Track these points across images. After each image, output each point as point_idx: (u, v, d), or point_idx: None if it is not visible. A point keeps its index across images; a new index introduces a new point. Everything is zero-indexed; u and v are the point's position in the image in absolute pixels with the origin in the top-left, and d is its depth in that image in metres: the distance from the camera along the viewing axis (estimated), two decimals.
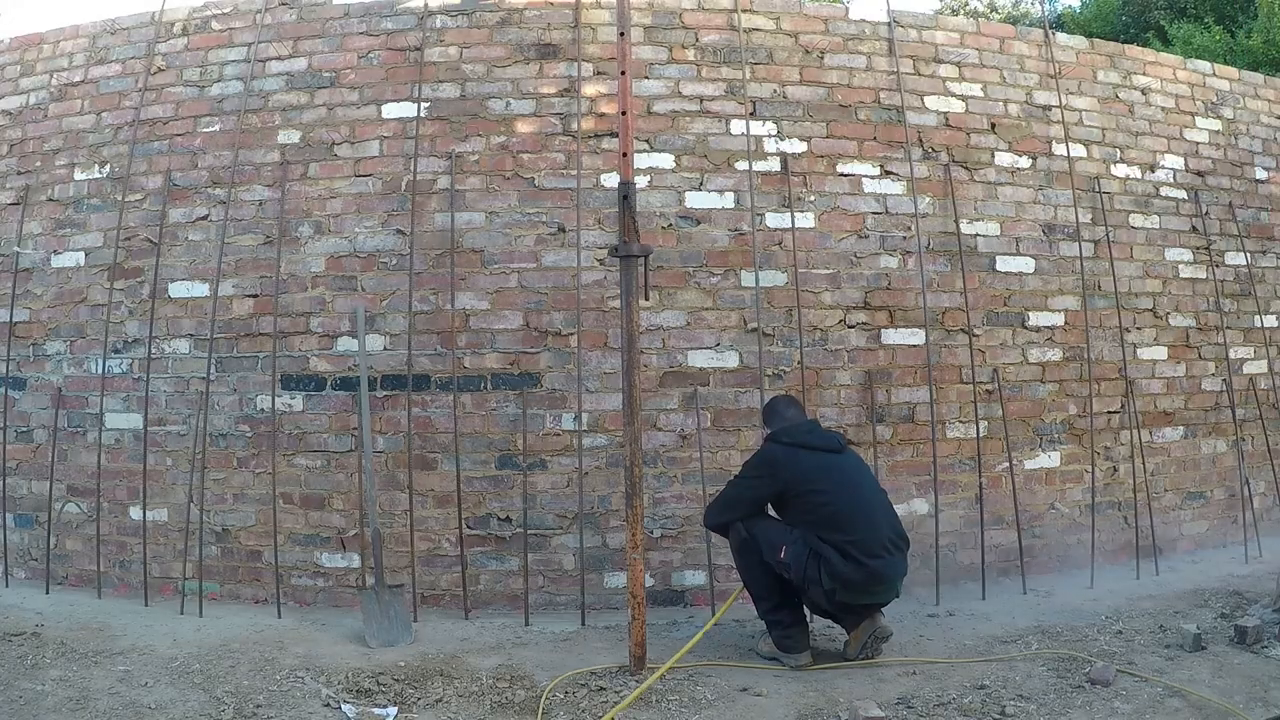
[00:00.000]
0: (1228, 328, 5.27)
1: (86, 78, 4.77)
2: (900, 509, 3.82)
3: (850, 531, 3.37)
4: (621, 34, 3.54)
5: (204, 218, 4.52)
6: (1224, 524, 5.17)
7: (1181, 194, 5.25)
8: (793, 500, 3.47)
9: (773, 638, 3.54)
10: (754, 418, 4.34)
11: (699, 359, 4.40)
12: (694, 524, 4.29)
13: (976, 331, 4.65)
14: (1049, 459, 4.76)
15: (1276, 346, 5.50)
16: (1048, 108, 4.91)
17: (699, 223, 4.45)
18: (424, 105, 4.43)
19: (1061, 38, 5.15)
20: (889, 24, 4.72)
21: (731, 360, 4.41)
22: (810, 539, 3.39)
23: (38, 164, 4.78)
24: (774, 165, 4.52)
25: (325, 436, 4.34)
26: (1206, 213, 5.28)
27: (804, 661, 3.47)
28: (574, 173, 4.37)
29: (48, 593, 4.36)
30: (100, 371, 4.50)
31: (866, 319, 4.54)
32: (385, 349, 4.35)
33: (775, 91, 4.57)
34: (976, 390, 4.58)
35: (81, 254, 4.65)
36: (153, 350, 4.43)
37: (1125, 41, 7.98)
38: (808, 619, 3.59)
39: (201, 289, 4.46)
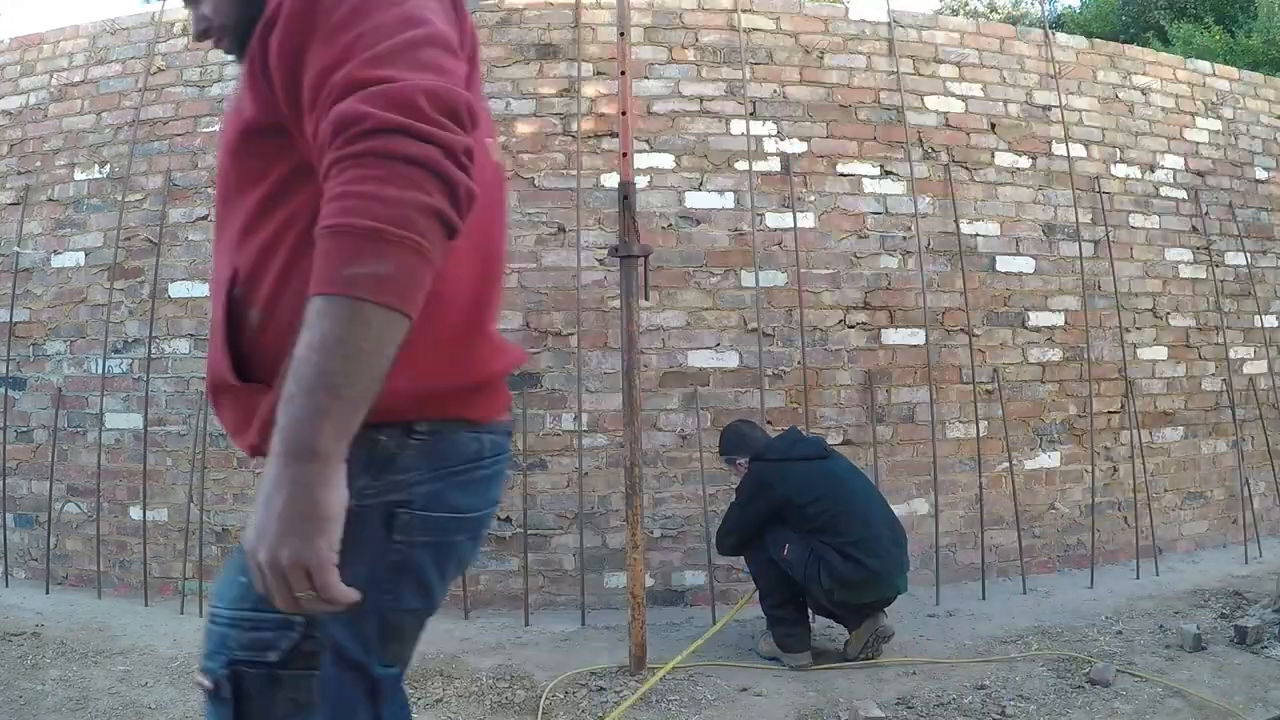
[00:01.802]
0: (1228, 328, 5.27)
1: (86, 78, 4.78)
2: (900, 509, 3.82)
3: (848, 533, 3.38)
4: (621, 34, 3.54)
5: (204, 218, 4.52)
6: (1224, 524, 5.18)
7: (1181, 194, 5.25)
8: (791, 513, 3.46)
9: (774, 635, 3.54)
10: (755, 418, 4.33)
11: (699, 359, 4.40)
12: (694, 524, 4.29)
13: (976, 331, 4.65)
14: (1049, 459, 4.76)
15: (1276, 346, 5.50)
16: (1048, 108, 4.91)
17: (699, 223, 4.45)
18: None
19: (1061, 38, 5.15)
20: (889, 24, 4.72)
21: (731, 360, 4.41)
22: (811, 541, 3.40)
23: (38, 164, 4.78)
24: (774, 165, 4.52)
25: None
26: (1206, 213, 5.28)
27: (804, 662, 3.47)
28: (574, 173, 4.37)
29: (48, 593, 4.36)
30: (100, 371, 4.50)
31: (866, 319, 4.54)
32: None
33: (775, 91, 4.57)
34: (976, 390, 4.58)
35: (81, 254, 4.65)
36: (153, 350, 4.42)
37: (1125, 41, 7.98)
38: (810, 619, 3.60)
39: (202, 289, 4.46)
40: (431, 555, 1.15)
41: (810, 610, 3.58)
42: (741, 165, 4.48)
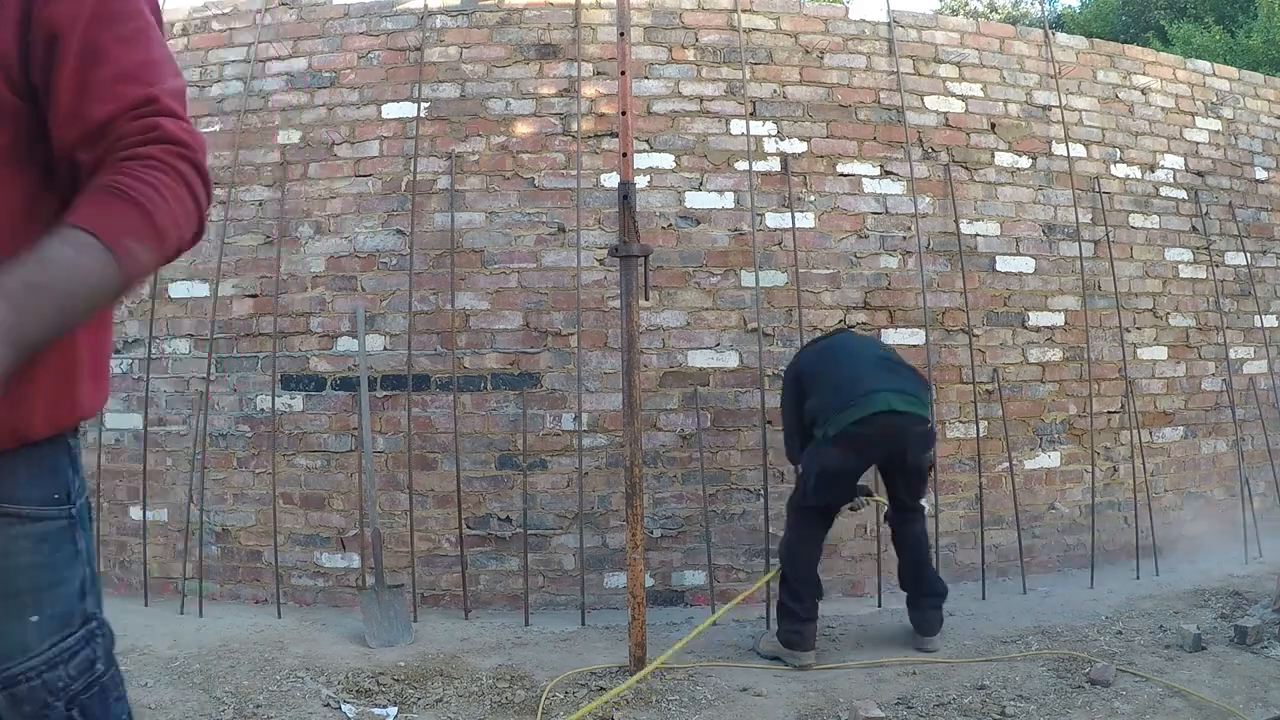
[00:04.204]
0: (1228, 328, 5.27)
1: None
2: None
3: (830, 382, 3.51)
4: (621, 34, 3.54)
5: None
6: (1224, 524, 5.17)
7: (1181, 194, 5.25)
8: (809, 391, 3.60)
9: (781, 631, 3.53)
10: (754, 418, 4.34)
11: (699, 359, 4.40)
12: (694, 524, 4.30)
13: (976, 331, 4.65)
14: (1049, 459, 4.77)
15: (1276, 346, 5.50)
16: (1048, 108, 4.91)
17: (699, 223, 4.45)
18: (424, 105, 4.43)
19: (1061, 38, 5.15)
20: (889, 24, 4.72)
21: (731, 360, 4.41)
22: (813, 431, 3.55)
23: None
24: (774, 165, 4.52)
25: (325, 436, 4.34)
26: (1206, 213, 5.28)
27: (808, 661, 3.46)
28: (574, 173, 4.37)
29: None
30: None
31: (866, 319, 4.54)
32: (385, 349, 4.35)
33: (775, 91, 4.57)
34: (976, 390, 4.58)
35: None
36: (153, 350, 4.43)
37: (1125, 41, 7.98)
38: (817, 617, 3.58)
39: (201, 289, 4.46)
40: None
41: (819, 603, 3.57)
42: (741, 165, 4.48)
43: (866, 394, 3.40)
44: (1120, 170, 5.08)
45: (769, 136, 4.54)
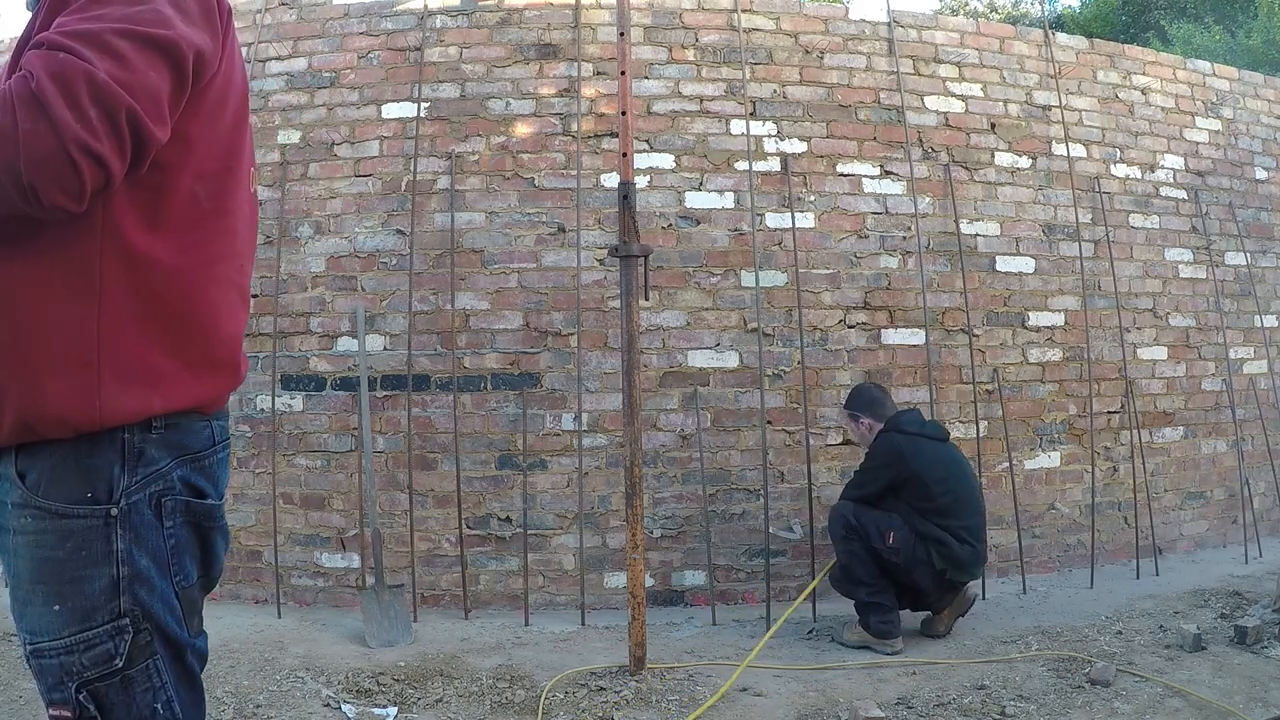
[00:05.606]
0: (1228, 328, 5.27)
1: None
2: None
3: (964, 518, 3.64)
4: (621, 34, 3.54)
5: None
6: (1224, 524, 5.18)
7: (1181, 194, 5.25)
8: (913, 489, 3.64)
9: (870, 623, 3.61)
10: (754, 418, 4.34)
11: (699, 359, 4.40)
12: (694, 524, 4.30)
13: (976, 331, 4.65)
14: (1049, 459, 4.77)
15: (1276, 346, 5.50)
16: (1048, 108, 4.91)
17: (699, 223, 4.45)
18: (424, 105, 4.43)
19: (1061, 38, 5.15)
20: (889, 24, 4.72)
21: (731, 360, 4.41)
22: (916, 523, 3.59)
23: None
24: (774, 165, 4.52)
25: (325, 436, 4.34)
26: (1206, 213, 5.28)
27: (899, 648, 3.56)
28: (574, 173, 4.37)
29: None
30: None
31: (866, 319, 4.54)
32: (385, 349, 4.35)
33: (775, 91, 4.57)
34: (976, 390, 4.58)
35: None
36: None
37: (1125, 41, 7.98)
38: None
39: None
40: (195, 532, 1.27)
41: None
42: (741, 165, 4.48)
43: (983, 562, 3.77)
44: (1120, 170, 5.08)
45: (769, 136, 4.54)
